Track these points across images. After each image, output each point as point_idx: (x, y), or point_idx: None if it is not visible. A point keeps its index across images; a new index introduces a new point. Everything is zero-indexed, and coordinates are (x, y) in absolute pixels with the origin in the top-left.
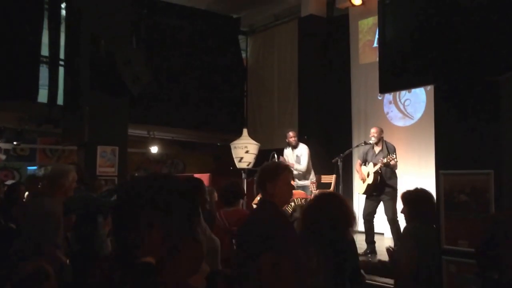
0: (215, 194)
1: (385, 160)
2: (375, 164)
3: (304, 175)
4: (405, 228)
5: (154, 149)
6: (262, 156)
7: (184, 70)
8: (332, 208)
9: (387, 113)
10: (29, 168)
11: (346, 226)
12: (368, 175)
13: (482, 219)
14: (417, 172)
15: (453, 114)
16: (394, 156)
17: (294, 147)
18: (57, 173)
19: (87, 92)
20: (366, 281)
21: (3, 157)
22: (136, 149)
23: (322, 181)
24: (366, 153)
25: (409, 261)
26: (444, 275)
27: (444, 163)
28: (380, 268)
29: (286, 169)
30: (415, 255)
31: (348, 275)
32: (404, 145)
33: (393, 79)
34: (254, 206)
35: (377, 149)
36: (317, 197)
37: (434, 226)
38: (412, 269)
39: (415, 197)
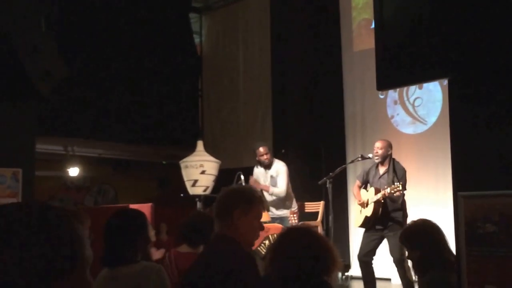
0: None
1: (388, 190)
2: (377, 191)
3: (282, 203)
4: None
5: (74, 171)
6: (224, 177)
7: (115, 62)
8: (303, 249)
9: (392, 116)
10: None
11: (324, 272)
12: (367, 204)
13: None
14: (434, 197)
15: (474, 117)
16: (399, 184)
17: (267, 166)
18: None
19: None
20: None
21: None
22: (49, 172)
23: (306, 210)
24: (368, 173)
25: None
26: None
27: (463, 182)
28: None
29: (261, 200)
30: None
31: None
32: (414, 160)
33: (394, 71)
34: None
35: (382, 169)
36: (282, 234)
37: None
38: None
39: (416, 234)
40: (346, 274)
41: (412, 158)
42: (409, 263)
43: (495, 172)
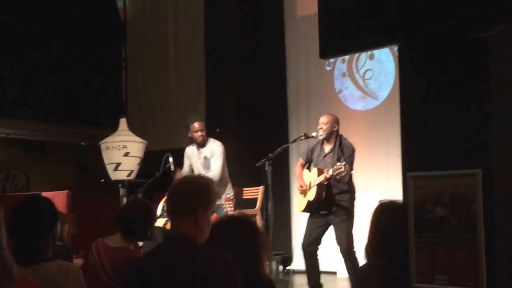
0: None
1: (330, 172)
2: (320, 172)
3: (217, 188)
4: (364, 268)
5: None
6: (150, 160)
7: (26, 28)
8: (231, 239)
9: (340, 91)
10: None
11: (255, 264)
12: (310, 187)
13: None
14: (385, 179)
15: (424, 89)
16: (342, 164)
17: (201, 145)
18: None
19: None
20: None
21: None
22: None
23: (244, 197)
24: (312, 150)
25: None
26: None
27: (414, 162)
28: None
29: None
30: None
31: None
32: (365, 139)
33: (339, 37)
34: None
35: (327, 147)
36: (213, 227)
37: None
38: None
39: (381, 215)
40: (287, 267)
41: (362, 136)
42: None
43: (447, 150)
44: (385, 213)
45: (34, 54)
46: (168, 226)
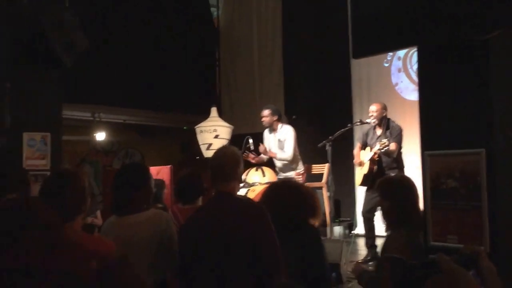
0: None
1: (377, 146)
2: (371, 150)
3: (289, 165)
4: (388, 239)
5: (101, 136)
6: (236, 141)
7: (137, 34)
8: (282, 200)
9: (396, 84)
10: None
11: (308, 218)
12: (363, 163)
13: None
14: None
15: (438, 83)
16: (387, 140)
17: (273, 129)
18: None
19: (8, 64)
20: None
21: None
22: (78, 136)
23: (313, 172)
24: (366, 134)
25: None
26: None
27: (430, 142)
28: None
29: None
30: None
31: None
32: (417, 125)
33: (368, 40)
34: None
35: (378, 130)
36: (267, 188)
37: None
38: None
39: (390, 184)
40: (352, 232)
41: (416, 124)
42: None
43: (456, 132)
44: (399, 186)
45: (148, 57)
46: (249, 195)
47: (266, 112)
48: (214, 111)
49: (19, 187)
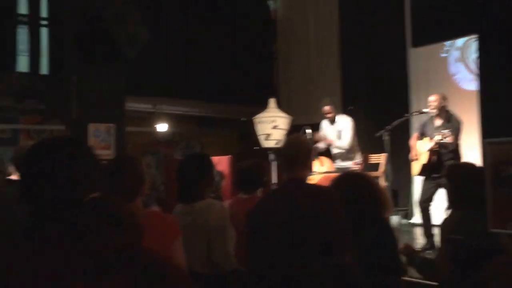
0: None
1: (438, 137)
2: (431, 141)
3: (347, 155)
4: (448, 218)
5: (162, 127)
6: (294, 132)
7: (196, 27)
8: (354, 192)
9: (454, 74)
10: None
11: (379, 211)
12: (421, 154)
13: None
14: None
15: (499, 71)
16: (449, 132)
17: (332, 120)
18: (17, 153)
19: (74, 58)
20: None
21: None
22: (140, 128)
23: (370, 162)
24: (424, 125)
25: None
26: None
27: (490, 130)
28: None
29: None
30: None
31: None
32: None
33: (428, 29)
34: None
35: (438, 121)
36: (334, 180)
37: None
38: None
39: (458, 167)
40: (408, 221)
41: (474, 113)
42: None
43: None
44: (459, 172)
45: (207, 50)
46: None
47: (327, 108)
48: (272, 102)
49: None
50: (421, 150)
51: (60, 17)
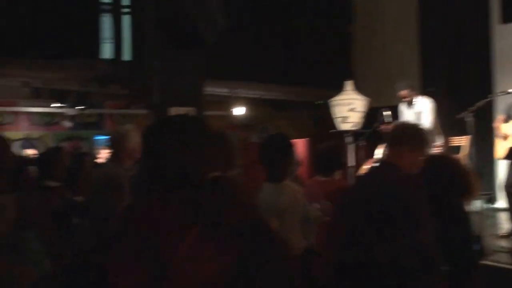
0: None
1: None
2: None
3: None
4: None
5: (238, 111)
6: (372, 114)
7: (272, 11)
8: (439, 176)
9: None
10: (97, 137)
11: (459, 195)
12: (508, 136)
13: None
14: None
15: None
16: None
17: (410, 103)
18: (115, 135)
19: (156, 44)
20: None
21: (69, 124)
22: (217, 111)
23: (452, 144)
24: (511, 107)
25: None
26: None
27: None
28: None
29: (427, 141)
30: None
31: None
32: None
33: None
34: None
35: None
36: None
37: None
38: None
39: None
40: (492, 205)
41: None
42: None
43: None
44: None
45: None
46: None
47: (403, 92)
48: (349, 84)
49: None
50: (507, 133)
51: (141, 4)
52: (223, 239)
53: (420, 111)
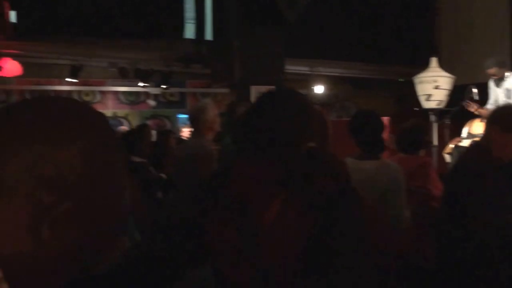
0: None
1: None
2: None
3: None
4: None
5: (318, 89)
6: (458, 92)
7: None
8: None
9: None
10: (179, 115)
11: None
12: None
13: None
14: None
15: None
16: None
17: (500, 80)
18: (193, 111)
19: (237, 23)
20: None
21: (153, 103)
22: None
23: None
24: None
25: None
26: None
27: None
28: None
29: None
30: None
31: None
32: None
33: None
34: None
35: None
36: None
37: None
38: None
39: None
40: None
41: None
42: None
43: None
44: None
45: (364, 11)
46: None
47: (491, 70)
48: (434, 61)
49: None
50: None
51: None
52: (309, 205)
53: (510, 88)
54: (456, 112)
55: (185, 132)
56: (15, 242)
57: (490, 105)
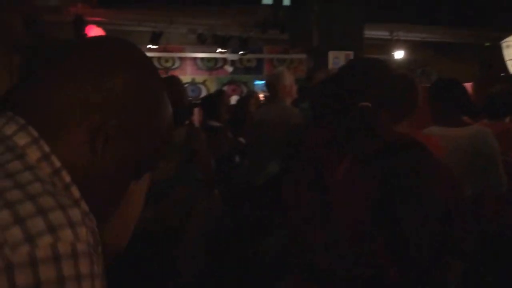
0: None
1: None
2: None
3: None
4: None
5: (398, 54)
6: None
7: None
8: None
9: None
10: (256, 82)
11: None
12: None
13: None
14: None
15: None
16: None
17: None
18: (271, 77)
19: None
20: None
21: (230, 69)
22: (376, 55)
23: None
24: None
25: None
26: None
27: None
28: None
29: None
30: None
31: None
32: None
33: None
34: None
35: None
36: None
37: None
38: None
39: None
40: None
41: None
42: None
43: None
44: None
45: None
46: None
47: None
48: None
49: None
50: None
51: None
52: (372, 167)
53: None
54: None
55: (262, 99)
56: (78, 155)
57: None
